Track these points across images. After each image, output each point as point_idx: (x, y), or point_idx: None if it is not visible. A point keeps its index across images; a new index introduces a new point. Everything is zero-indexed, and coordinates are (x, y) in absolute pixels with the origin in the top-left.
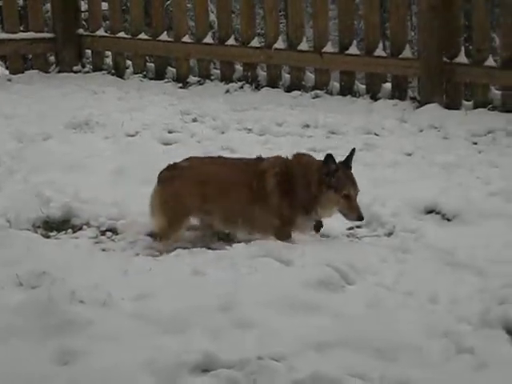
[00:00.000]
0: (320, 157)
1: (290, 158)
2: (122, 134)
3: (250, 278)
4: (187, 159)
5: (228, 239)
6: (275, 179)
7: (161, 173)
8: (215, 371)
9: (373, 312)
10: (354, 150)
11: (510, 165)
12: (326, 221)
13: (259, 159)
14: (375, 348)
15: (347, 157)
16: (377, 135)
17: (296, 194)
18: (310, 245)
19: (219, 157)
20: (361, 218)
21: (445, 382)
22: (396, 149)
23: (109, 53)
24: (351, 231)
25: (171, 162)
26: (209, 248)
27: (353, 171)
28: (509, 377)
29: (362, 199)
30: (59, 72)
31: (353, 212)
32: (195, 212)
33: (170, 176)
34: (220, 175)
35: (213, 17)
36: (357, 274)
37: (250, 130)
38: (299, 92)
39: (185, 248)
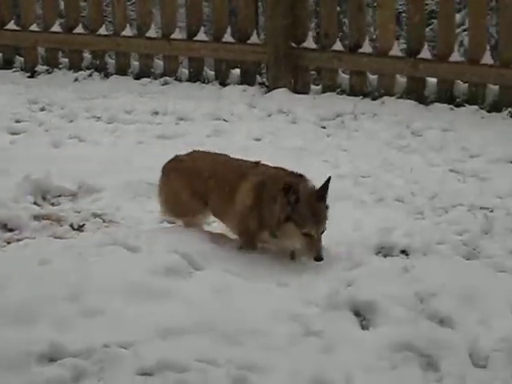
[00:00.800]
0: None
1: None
2: None
3: (97, 267)
4: (190, 152)
5: (76, 228)
6: (250, 191)
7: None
8: (62, 360)
9: (221, 298)
10: (329, 178)
11: (358, 148)
12: None
13: (255, 165)
14: (223, 333)
15: (321, 186)
16: (226, 121)
17: (264, 213)
18: (158, 232)
19: (219, 154)
20: (319, 259)
21: (291, 365)
22: (245, 134)
23: None
24: None
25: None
26: (56, 237)
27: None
28: (355, 358)
29: None
30: None
31: (310, 252)
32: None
33: (171, 167)
34: (213, 171)
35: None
36: (205, 260)
37: (98, 118)
38: (148, 79)
39: (32, 238)
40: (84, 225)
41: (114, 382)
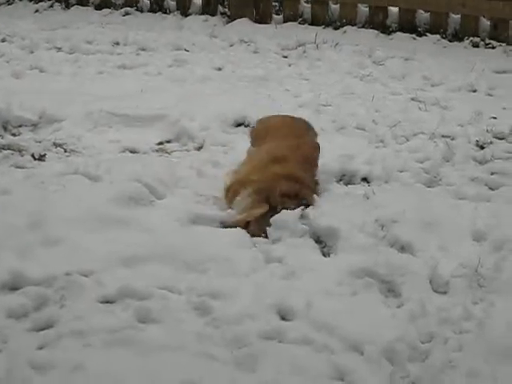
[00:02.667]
0: None
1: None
2: None
3: (58, 196)
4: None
5: (37, 158)
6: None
7: None
8: (23, 289)
9: (182, 226)
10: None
11: (320, 77)
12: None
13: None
14: (184, 261)
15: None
16: (187, 51)
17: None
18: (119, 161)
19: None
20: None
21: (253, 292)
22: (206, 64)
23: None
24: (161, 146)
25: None
26: (17, 167)
27: None
28: (316, 284)
29: (170, 114)
30: None
31: None
32: None
33: None
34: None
35: None
36: (167, 188)
37: (59, 48)
38: (109, 10)
39: None
40: (45, 155)
41: (75, 310)
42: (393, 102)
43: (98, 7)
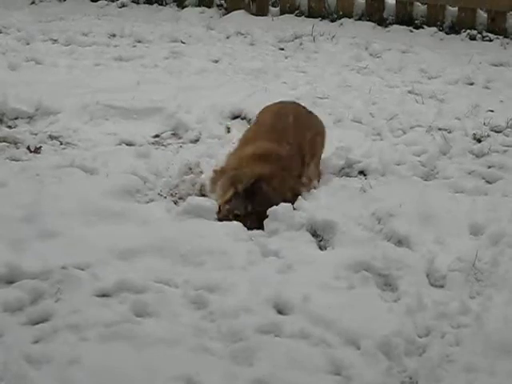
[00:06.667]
0: None
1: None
2: None
3: (54, 189)
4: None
5: (33, 151)
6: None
7: None
8: (19, 282)
9: (179, 218)
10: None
11: (316, 69)
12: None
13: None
14: (181, 254)
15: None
16: (183, 43)
17: None
18: (116, 154)
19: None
20: None
21: (250, 285)
22: (203, 56)
23: None
24: (157, 139)
25: None
26: (13, 160)
27: None
28: (313, 278)
29: (167, 107)
30: None
31: None
32: None
33: None
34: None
35: None
36: (163, 181)
37: (55, 40)
38: (105, 1)
39: None
40: (41, 147)
41: (72, 303)
42: (390, 95)
43: None
